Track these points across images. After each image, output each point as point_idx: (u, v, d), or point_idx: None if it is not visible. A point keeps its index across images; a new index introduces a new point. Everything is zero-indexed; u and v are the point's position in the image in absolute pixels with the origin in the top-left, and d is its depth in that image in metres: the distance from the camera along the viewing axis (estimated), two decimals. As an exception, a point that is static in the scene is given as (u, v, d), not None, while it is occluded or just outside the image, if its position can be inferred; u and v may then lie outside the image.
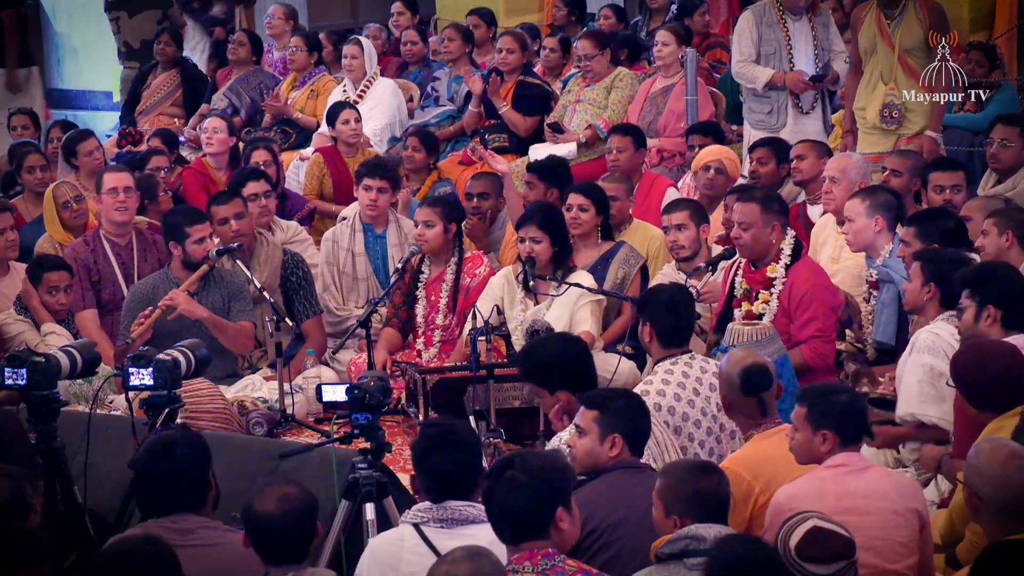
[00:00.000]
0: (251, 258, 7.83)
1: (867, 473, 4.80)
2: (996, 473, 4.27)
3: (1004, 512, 4.24)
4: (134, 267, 8.01)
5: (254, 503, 4.34)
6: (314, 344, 7.82)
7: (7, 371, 5.23)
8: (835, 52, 9.54)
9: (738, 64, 9.48)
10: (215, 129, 9.70)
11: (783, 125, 9.38)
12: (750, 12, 9.56)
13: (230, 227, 7.78)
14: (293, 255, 8.01)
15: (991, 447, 4.37)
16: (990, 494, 4.26)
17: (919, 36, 8.72)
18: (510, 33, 10.88)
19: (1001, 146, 8.22)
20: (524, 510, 4.15)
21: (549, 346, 5.58)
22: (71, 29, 15.58)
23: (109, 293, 7.93)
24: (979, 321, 5.51)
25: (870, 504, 4.69)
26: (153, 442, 4.74)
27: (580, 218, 7.60)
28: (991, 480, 4.27)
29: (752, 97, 9.50)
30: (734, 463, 5.05)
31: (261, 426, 6.95)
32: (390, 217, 8.34)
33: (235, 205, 7.85)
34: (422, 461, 4.60)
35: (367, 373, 5.34)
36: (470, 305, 7.19)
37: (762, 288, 6.87)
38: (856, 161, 7.81)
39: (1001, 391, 4.92)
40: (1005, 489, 4.24)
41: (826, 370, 6.82)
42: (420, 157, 9.62)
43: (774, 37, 9.41)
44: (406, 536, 4.53)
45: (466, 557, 3.84)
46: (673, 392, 5.75)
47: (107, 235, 8.04)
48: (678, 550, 4.22)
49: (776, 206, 6.89)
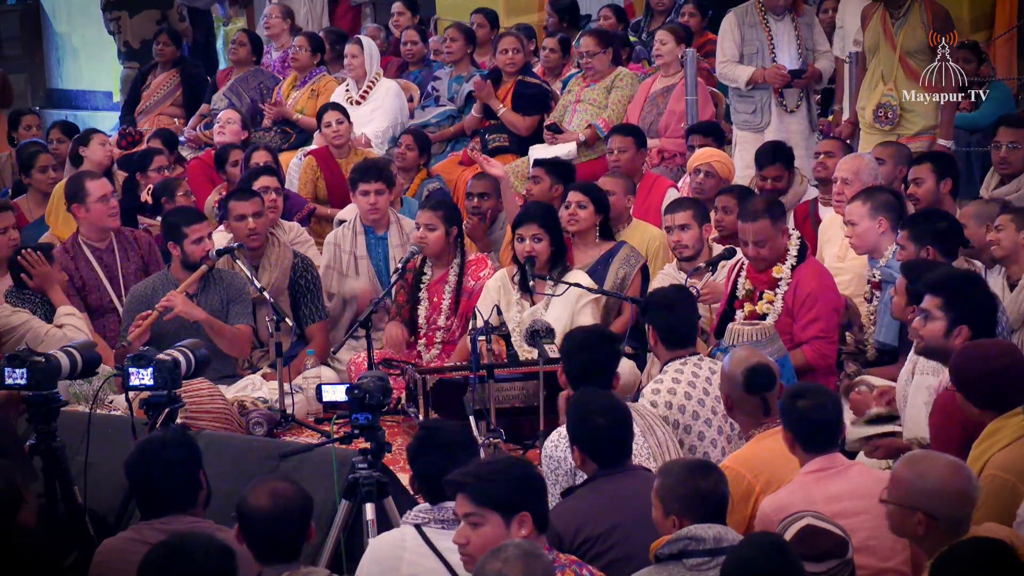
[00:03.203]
0: (261, 258, 7.82)
1: (850, 472, 4.82)
2: (950, 488, 4.23)
3: (953, 523, 4.23)
4: (117, 269, 7.98)
5: (247, 497, 4.35)
6: (317, 348, 7.81)
7: (7, 371, 5.24)
8: (819, 51, 9.57)
9: (721, 64, 9.52)
10: (229, 120, 9.77)
11: (767, 124, 9.40)
12: (732, 14, 9.61)
13: (247, 224, 7.74)
14: (303, 258, 7.99)
15: (928, 463, 4.31)
16: (948, 512, 4.22)
17: (922, 38, 8.70)
18: (513, 33, 10.89)
19: (1010, 149, 8.22)
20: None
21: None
22: (71, 29, 15.60)
23: (96, 298, 7.89)
24: (949, 337, 5.47)
25: (858, 504, 4.70)
26: (142, 444, 4.76)
27: (578, 215, 7.60)
28: (948, 496, 4.22)
29: (736, 97, 9.52)
30: (735, 462, 5.06)
31: (261, 426, 6.95)
32: (391, 218, 8.34)
33: (255, 203, 7.82)
34: (412, 464, 4.65)
35: (367, 373, 5.34)
36: (472, 307, 7.19)
37: (767, 288, 6.88)
38: (868, 162, 7.78)
39: (1002, 389, 4.91)
40: (960, 500, 4.24)
41: (827, 370, 6.82)
42: (412, 156, 9.67)
43: (756, 37, 9.43)
44: (407, 537, 4.53)
45: (519, 557, 3.78)
46: (683, 392, 5.77)
47: (86, 241, 8.00)
48: (677, 551, 4.22)
49: (779, 211, 6.92)
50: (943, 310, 5.45)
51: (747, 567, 3.93)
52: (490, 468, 4.26)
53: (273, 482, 4.41)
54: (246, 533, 4.34)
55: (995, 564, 3.87)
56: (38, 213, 9.08)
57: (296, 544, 4.35)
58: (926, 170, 7.57)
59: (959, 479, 4.27)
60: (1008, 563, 3.88)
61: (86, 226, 8.05)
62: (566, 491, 5.00)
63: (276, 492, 4.33)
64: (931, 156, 7.75)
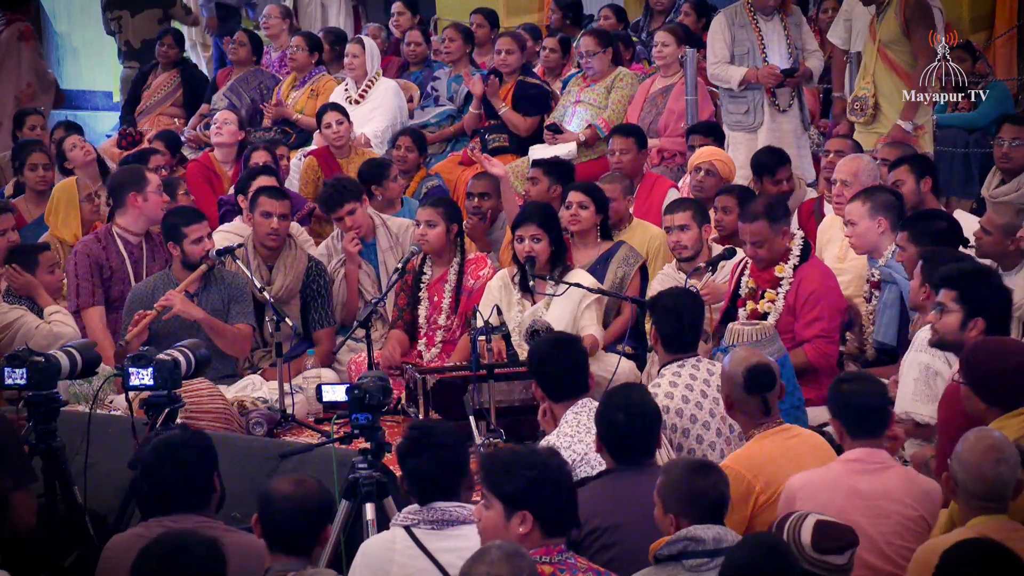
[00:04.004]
0: (276, 259, 7.80)
1: (885, 473, 4.80)
2: (972, 461, 4.34)
3: (974, 497, 4.34)
4: (143, 265, 7.97)
5: (272, 483, 4.39)
6: (321, 353, 7.80)
7: (7, 371, 5.23)
8: (808, 51, 9.60)
9: (712, 66, 9.52)
10: (225, 120, 9.75)
11: (760, 124, 9.41)
12: (722, 15, 9.64)
13: (271, 223, 7.72)
14: (317, 263, 7.97)
15: (976, 436, 4.42)
16: (963, 479, 4.35)
17: (896, 29, 8.81)
18: (509, 34, 10.89)
19: (1012, 146, 8.27)
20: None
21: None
22: (71, 29, 15.60)
23: (119, 290, 7.86)
24: (964, 330, 5.50)
25: (881, 506, 4.70)
26: (160, 442, 4.73)
27: (579, 215, 7.60)
28: (966, 466, 4.34)
29: (728, 98, 9.53)
30: (735, 462, 5.05)
31: (261, 426, 6.94)
32: (375, 222, 8.30)
33: (284, 205, 7.81)
34: (402, 465, 4.64)
35: (367, 373, 5.34)
36: (472, 307, 7.18)
37: (769, 287, 6.88)
38: (867, 164, 7.79)
39: (1015, 388, 4.92)
40: (977, 477, 4.33)
41: (829, 370, 6.82)
42: (412, 157, 9.70)
43: (747, 38, 9.45)
44: (397, 539, 4.54)
45: (504, 558, 3.80)
46: (681, 395, 5.77)
47: (123, 232, 7.93)
48: (677, 551, 4.23)
49: (779, 212, 6.92)
50: (958, 303, 5.49)
51: (745, 569, 3.93)
52: (510, 459, 4.25)
53: (300, 476, 4.46)
54: (263, 518, 4.34)
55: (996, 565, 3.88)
56: (36, 213, 9.06)
57: (310, 538, 4.34)
58: (904, 171, 7.60)
59: (983, 454, 4.32)
60: (1009, 565, 3.89)
61: (135, 215, 7.89)
62: (579, 482, 4.98)
63: (301, 482, 4.37)
64: (907, 158, 7.79)
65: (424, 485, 4.56)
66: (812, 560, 4.21)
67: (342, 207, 8.08)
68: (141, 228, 7.95)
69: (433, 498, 4.54)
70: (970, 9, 11.62)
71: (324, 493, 4.40)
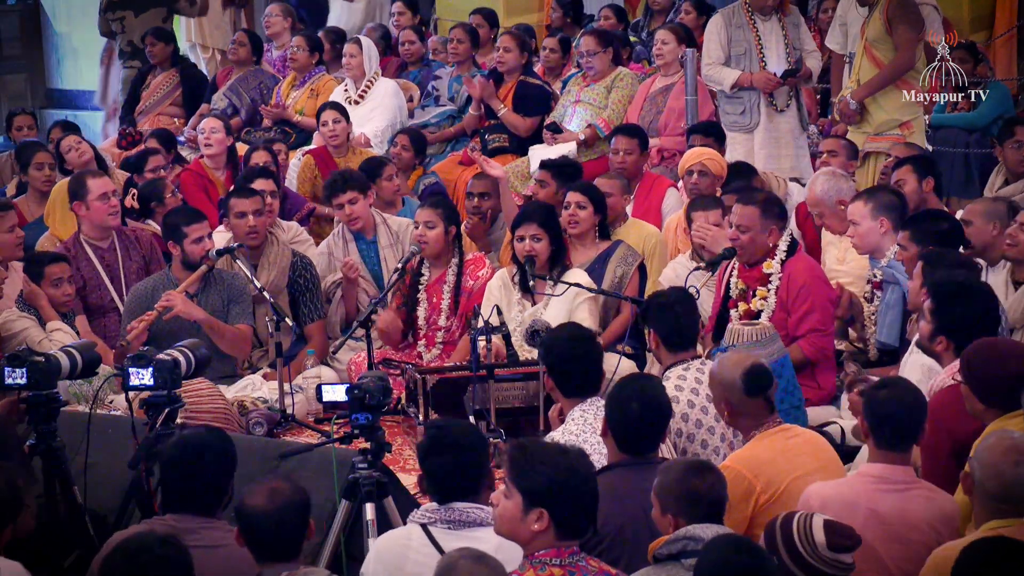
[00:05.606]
0: (260, 256, 7.82)
1: (907, 494, 4.69)
2: (991, 461, 4.31)
3: (991, 498, 4.31)
4: (119, 268, 7.99)
5: (245, 498, 4.36)
6: (316, 347, 7.81)
7: (7, 371, 5.23)
8: (806, 51, 9.60)
9: (706, 67, 9.53)
10: (212, 129, 9.70)
11: (756, 124, 9.42)
12: (719, 15, 9.64)
13: (247, 222, 7.77)
14: (302, 257, 8.01)
15: (997, 437, 4.40)
16: (980, 478, 4.33)
17: (880, 28, 8.83)
18: (508, 33, 10.88)
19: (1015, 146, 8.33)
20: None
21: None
22: (71, 29, 15.58)
23: (96, 298, 7.90)
24: (932, 343, 5.49)
25: (899, 533, 4.62)
26: (182, 440, 4.70)
27: (578, 216, 7.60)
28: (985, 466, 4.32)
29: (725, 99, 9.54)
30: (735, 462, 5.05)
31: (261, 426, 6.95)
32: (376, 220, 8.31)
33: (255, 201, 7.86)
34: (423, 462, 4.61)
35: (367, 373, 5.34)
36: (471, 307, 7.19)
37: (759, 285, 6.88)
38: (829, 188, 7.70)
39: (1015, 391, 4.91)
40: (994, 477, 4.30)
41: (826, 365, 6.83)
42: (408, 156, 9.70)
43: (744, 38, 9.45)
44: (413, 536, 4.53)
45: (476, 560, 3.83)
46: (687, 399, 5.76)
47: (88, 240, 8.01)
48: (676, 551, 4.22)
49: (775, 210, 6.91)
50: (932, 315, 5.47)
51: (719, 568, 3.91)
52: (538, 454, 4.18)
53: (270, 482, 4.42)
54: (245, 534, 4.34)
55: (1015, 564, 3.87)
56: (37, 212, 9.07)
57: (295, 543, 4.35)
58: (907, 171, 7.60)
59: (1003, 455, 4.30)
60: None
61: (87, 224, 8.06)
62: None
63: (273, 491, 4.34)
64: (910, 158, 7.80)
65: (444, 485, 4.53)
66: (825, 560, 4.20)
67: (344, 193, 8.11)
68: (99, 235, 8.00)
69: (452, 498, 4.52)
70: (970, 9, 11.62)
71: (297, 493, 4.37)
